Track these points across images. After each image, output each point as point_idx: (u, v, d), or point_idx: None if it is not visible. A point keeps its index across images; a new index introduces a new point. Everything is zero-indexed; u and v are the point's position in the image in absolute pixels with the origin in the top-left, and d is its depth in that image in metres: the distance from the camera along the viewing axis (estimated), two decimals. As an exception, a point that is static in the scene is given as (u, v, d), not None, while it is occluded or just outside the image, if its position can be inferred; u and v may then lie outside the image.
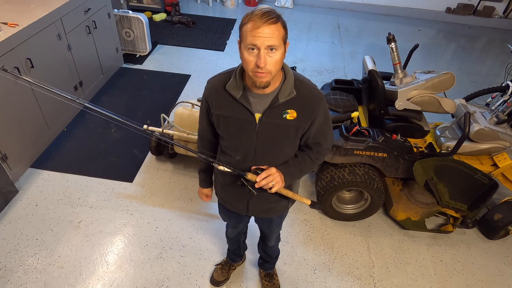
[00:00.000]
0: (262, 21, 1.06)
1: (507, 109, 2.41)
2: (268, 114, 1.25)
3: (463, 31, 5.78)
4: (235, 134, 1.32)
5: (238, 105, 1.25)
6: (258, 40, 1.07)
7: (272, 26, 1.07)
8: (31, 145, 2.78)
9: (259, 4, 6.10)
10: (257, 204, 1.51)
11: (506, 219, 2.40)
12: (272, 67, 1.12)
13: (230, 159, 1.38)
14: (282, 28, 1.10)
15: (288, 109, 1.24)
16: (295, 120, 1.26)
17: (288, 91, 1.23)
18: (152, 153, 2.91)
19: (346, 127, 2.27)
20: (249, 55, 1.11)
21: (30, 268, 2.16)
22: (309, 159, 1.40)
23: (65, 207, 2.53)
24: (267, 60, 1.09)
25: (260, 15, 1.06)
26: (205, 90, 1.34)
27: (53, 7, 2.77)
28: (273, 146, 1.33)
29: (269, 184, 1.28)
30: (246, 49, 1.11)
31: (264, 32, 1.06)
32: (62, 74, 3.01)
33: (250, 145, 1.31)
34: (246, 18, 1.10)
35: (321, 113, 1.30)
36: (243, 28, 1.10)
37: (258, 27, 1.06)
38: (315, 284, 2.22)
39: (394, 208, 2.46)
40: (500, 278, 2.34)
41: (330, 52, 4.86)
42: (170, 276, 2.20)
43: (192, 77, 4.05)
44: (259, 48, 1.08)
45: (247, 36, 1.09)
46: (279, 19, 1.10)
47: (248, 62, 1.12)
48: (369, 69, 2.37)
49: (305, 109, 1.26)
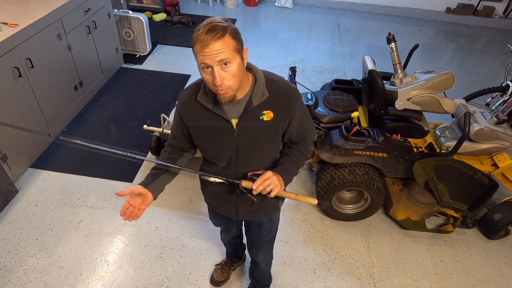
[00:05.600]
0: (208, 39, 1.02)
1: (507, 109, 2.41)
2: (244, 118, 1.22)
3: (463, 31, 5.78)
4: (215, 142, 1.29)
5: (213, 115, 1.22)
6: (207, 58, 1.04)
7: (218, 42, 1.02)
8: (31, 145, 2.78)
9: (259, 5, 6.12)
10: (245, 206, 1.46)
11: (506, 219, 2.40)
12: (230, 82, 1.08)
13: (215, 168, 1.36)
14: (231, 39, 1.05)
15: (263, 111, 1.22)
16: (272, 120, 1.24)
17: (261, 93, 1.20)
18: (152, 153, 2.91)
19: (346, 127, 2.27)
20: (205, 74, 1.08)
21: (30, 268, 2.16)
22: (299, 153, 1.39)
23: (65, 207, 2.53)
24: (223, 75, 1.06)
25: (205, 32, 1.02)
26: (177, 104, 1.31)
27: (53, 7, 2.77)
28: (255, 148, 1.30)
29: (266, 189, 1.24)
30: (201, 68, 1.08)
31: (212, 50, 1.02)
32: (62, 74, 3.01)
33: (232, 150, 1.29)
34: (194, 37, 1.06)
35: (298, 108, 1.28)
36: (193, 49, 1.07)
37: (205, 45, 1.02)
38: (315, 284, 2.22)
39: (394, 208, 2.46)
40: (500, 278, 2.34)
41: (330, 52, 4.86)
42: (170, 276, 2.20)
43: (192, 77, 4.05)
44: (212, 66, 1.05)
45: (197, 56, 1.06)
46: (226, 31, 1.04)
47: (207, 81, 1.10)
48: (369, 69, 2.37)
49: (281, 107, 1.24)
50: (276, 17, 5.82)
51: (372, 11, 6.13)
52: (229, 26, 1.06)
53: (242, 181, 1.28)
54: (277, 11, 6.03)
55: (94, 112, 3.42)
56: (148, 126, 2.76)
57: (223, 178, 1.29)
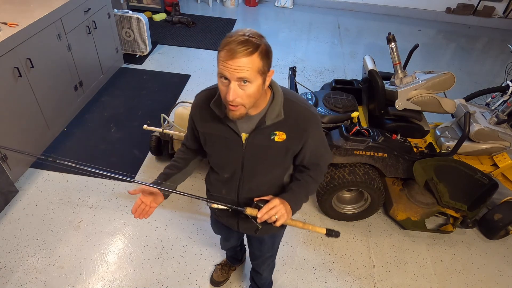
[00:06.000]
0: (235, 51, 0.95)
1: (507, 109, 2.41)
2: (254, 135, 1.16)
3: (463, 31, 5.78)
4: (222, 151, 1.25)
5: (224, 124, 1.17)
6: (227, 71, 0.98)
7: (245, 59, 0.96)
8: (31, 145, 2.78)
9: (259, 5, 6.12)
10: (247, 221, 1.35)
11: (506, 219, 2.40)
12: (244, 100, 1.03)
13: (218, 177, 1.33)
14: (259, 59, 0.99)
15: (276, 131, 1.15)
16: (284, 142, 1.17)
17: (276, 113, 1.13)
18: (152, 153, 2.91)
19: (346, 127, 2.27)
20: (222, 84, 1.03)
21: (30, 268, 2.16)
22: (311, 179, 1.31)
23: (65, 207, 2.53)
24: (238, 93, 1.01)
25: (236, 43, 0.96)
26: (192, 108, 1.27)
27: (53, 7, 2.77)
28: (261, 167, 1.25)
29: (272, 218, 1.17)
30: (219, 76, 1.02)
31: (235, 64, 0.96)
32: (62, 74, 3.01)
33: (237, 163, 1.24)
34: (223, 42, 0.99)
35: (314, 134, 1.21)
36: (219, 53, 1.00)
37: (230, 57, 0.96)
38: (315, 284, 2.22)
39: (394, 208, 2.46)
40: (500, 278, 2.34)
41: (330, 52, 4.86)
42: (170, 276, 2.20)
43: (192, 77, 4.05)
44: (230, 80, 1.00)
45: (219, 63, 1.00)
46: (257, 49, 0.98)
47: (221, 91, 1.05)
48: (369, 69, 2.37)
49: (295, 130, 1.17)
50: (276, 17, 5.82)
51: (372, 11, 6.13)
52: (262, 44, 1.00)
53: (247, 208, 1.21)
54: (277, 11, 6.03)
55: (94, 112, 3.42)
56: (148, 126, 2.76)
57: (226, 205, 1.22)
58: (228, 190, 1.34)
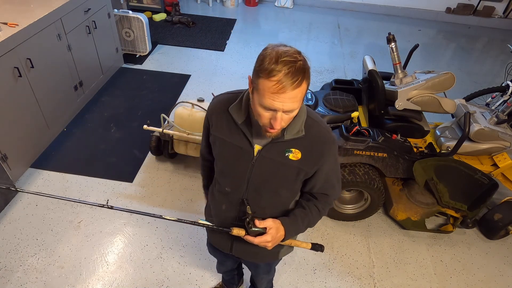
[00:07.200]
0: (287, 85, 0.89)
1: (507, 109, 2.41)
2: (268, 148, 1.11)
3: (463, 31, 5.78)
4: (230, 160, 1.19)
5: (238, 131, 1.12)
6: (278, 104, 0.92)
7: (296, 90, 0.90)
8: (31, 145, 2.78)
9: (259, 5, 6.12)
10: (241, 245, 1.30)
11: (506, 219, 2.40)
12: (285, 124, 1.01)
13: (220, 188, 1.27)
14: (306, 84, 0.94)
15: (292, 148, 1.10)
16: (298, 161, 1.11)
17: (297, 129, 1.08)
18: (152, 153, 2.91)
19: (346, 127, 2.27)
20: (264, 111, 0.97)
21: (30, 268, 2.16)
22: (316, 210, 1.24)
23: (65, 207, 2.53)
24: (283, 121, 0.98)
25: (285, 75, 0.88)
26: (208, 108, 1.22)
27: (53, 7, 2.77)
28: (269, 185, 1.18)
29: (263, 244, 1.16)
30: (261, 106, 0.96)
31: (286, 98, 0.91)
32: (62, 74, 3.01)
33: (243, 176, 1.17)
34: (266, 69, 0.90)
35: (330, 160, 1.16)
36: (261, 81, 0.92)
37: (281, 91, 0.89)
38: (315, 284, 2.22)
39: (394, 208, 2.46)
40: (500, 278, 2.34)
41: (330, 52, 4.86)
42: (170, 276, 2.20)
43: (192, 77, 4.05)
44: (277, 111, 0.95)
45: (264, 95, 0.92)
46: (305, 75, 0.92)
47: (261, 117, 0.99)
48: (369, 69, 2.37)
49: (312, 152, 1.12)
50: (276, 17, 5.82)
51: (372, 11, 6.13)
52: (306, 65, 0.94)
53: (233, 229, 1.17)
54: (277, 11, 6.03)
55: (94, 112, 3.42)
56: (148, 126, 2.76)
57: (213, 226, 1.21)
58: (229, 205, 1.28)
